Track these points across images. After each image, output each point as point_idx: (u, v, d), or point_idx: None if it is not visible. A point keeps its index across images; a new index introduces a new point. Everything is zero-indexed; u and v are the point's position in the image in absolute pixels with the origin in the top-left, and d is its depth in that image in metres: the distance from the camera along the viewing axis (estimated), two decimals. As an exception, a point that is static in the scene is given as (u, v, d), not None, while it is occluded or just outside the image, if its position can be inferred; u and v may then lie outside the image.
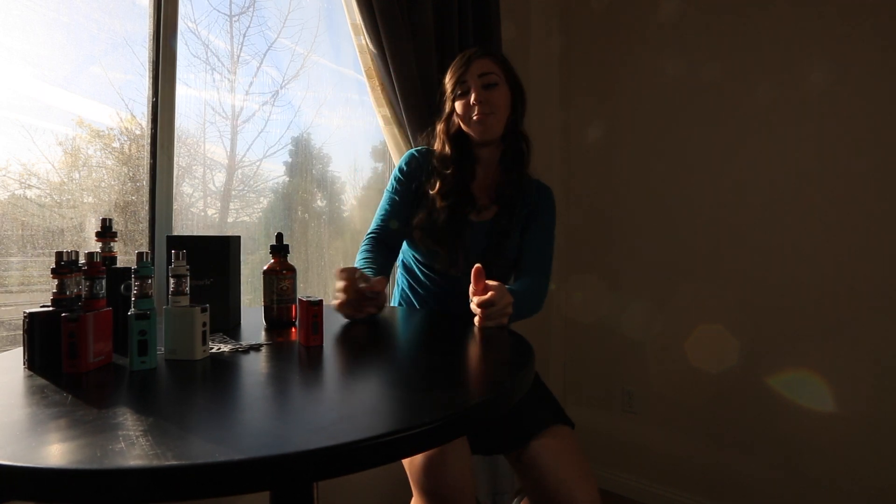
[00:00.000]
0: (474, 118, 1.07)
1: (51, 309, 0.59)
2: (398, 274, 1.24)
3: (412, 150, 1.17)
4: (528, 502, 0.94)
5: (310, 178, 1.55)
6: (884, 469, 1.42)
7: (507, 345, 0.72)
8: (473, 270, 0.83)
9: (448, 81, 1.12)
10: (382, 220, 1.11)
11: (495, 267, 1.04)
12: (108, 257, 0.70)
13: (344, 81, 1.61)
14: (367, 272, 0.92)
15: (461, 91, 1.09)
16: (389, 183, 1.15)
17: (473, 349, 0.66)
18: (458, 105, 1.09)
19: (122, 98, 1.13)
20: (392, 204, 1.12)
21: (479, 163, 1.14)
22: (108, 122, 1.12)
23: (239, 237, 0.84)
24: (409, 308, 1.16)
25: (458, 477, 0.81)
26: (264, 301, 0.83)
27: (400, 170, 1.14)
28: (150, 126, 1.15)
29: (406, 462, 0.86)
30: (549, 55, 2.09)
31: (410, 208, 1.12)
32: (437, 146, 1.15)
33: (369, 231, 1.12)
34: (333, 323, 0.88)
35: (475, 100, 1.05)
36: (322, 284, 1.56)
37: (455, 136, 1.12)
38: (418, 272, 1.15)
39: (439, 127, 1.14)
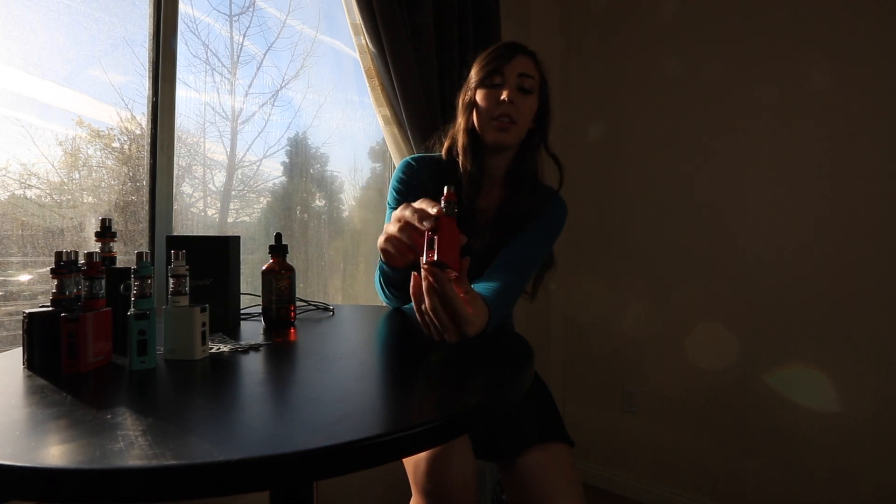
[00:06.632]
0: (494, 122, 0.96)
1: (50, 309, 0.59)
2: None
3: (407, 158, 1.06)
4: None
5: (309, 178, 1.55)
6: (884, 468, 1.42)
7: (507, 345, 0.72)
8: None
9: (479, 67, 0.99)
10: None
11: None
12: (108, 257, 0.70)
13: (344, 81, 1.61)
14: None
15: (492, 82, 0.97)
16: (390, 195, 1.04)
17: (473, 349, 0.66)
18: (481, 95, 0.98)
19: (122, 98, 1.13)
20: None
21: (484, 174, 1.03)
22: (108, 122, 1.12)
23: (238, 237, 0.84)
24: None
25: (461, 478, 0.80)
26: (263, 301, 0.83)
27: (399, 179, 1.03)
28: (150, 126, 1.15)
29: (407, 461, 0.85)
30: (550, 55, 2.08)
31: None
32: (456, 141, 1.02)
33: None
34: (333, 322, 0.88)
35: (508, 97, 0.94)
36: (322, 284, 1.56)
37: (472, 134, 1.01)
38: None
39: (460, 118, 1.02)
